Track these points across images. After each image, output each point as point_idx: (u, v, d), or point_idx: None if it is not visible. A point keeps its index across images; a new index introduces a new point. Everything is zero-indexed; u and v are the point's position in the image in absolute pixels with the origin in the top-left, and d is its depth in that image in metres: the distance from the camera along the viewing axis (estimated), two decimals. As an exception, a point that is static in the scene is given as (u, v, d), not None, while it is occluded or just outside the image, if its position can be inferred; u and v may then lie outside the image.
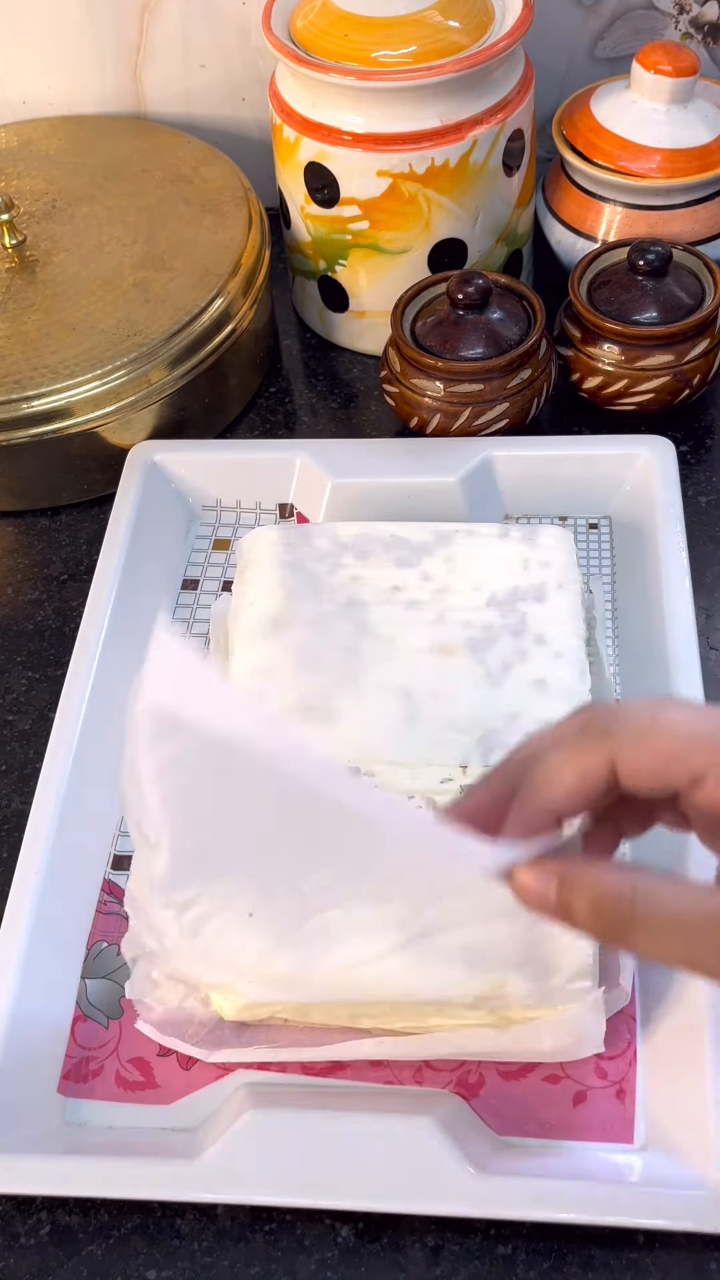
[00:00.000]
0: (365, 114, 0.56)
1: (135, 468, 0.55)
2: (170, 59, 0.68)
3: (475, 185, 0.58)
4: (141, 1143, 0.39)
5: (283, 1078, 0.41)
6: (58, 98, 0.71)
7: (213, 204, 0.62)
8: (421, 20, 0.56)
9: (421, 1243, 0.38)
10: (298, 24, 0.58)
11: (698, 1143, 0.37)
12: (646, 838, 0.34)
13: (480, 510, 0.54)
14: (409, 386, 0.56)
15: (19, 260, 0.61)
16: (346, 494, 0.54)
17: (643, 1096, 0.39)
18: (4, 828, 0.48)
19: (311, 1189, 0.37)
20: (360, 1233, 0.38)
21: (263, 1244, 0.38)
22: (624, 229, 0.60)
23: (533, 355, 0.55)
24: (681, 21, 0.66)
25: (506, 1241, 0.38)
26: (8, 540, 0.58)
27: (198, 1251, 0.38)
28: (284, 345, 0.66)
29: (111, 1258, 0.38)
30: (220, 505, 0.57)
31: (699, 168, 0.59)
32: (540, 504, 0.55)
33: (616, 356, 0.55)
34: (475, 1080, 0.40)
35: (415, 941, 0.37)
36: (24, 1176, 0.38)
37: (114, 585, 0.51)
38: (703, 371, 0.56)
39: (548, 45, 0.66)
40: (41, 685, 0.52)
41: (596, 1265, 0.37)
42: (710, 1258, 0.37)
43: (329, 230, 0.60)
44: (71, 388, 0.55)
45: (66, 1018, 0.42)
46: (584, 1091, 0.40)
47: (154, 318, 0.57)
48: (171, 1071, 0.41)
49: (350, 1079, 0.40)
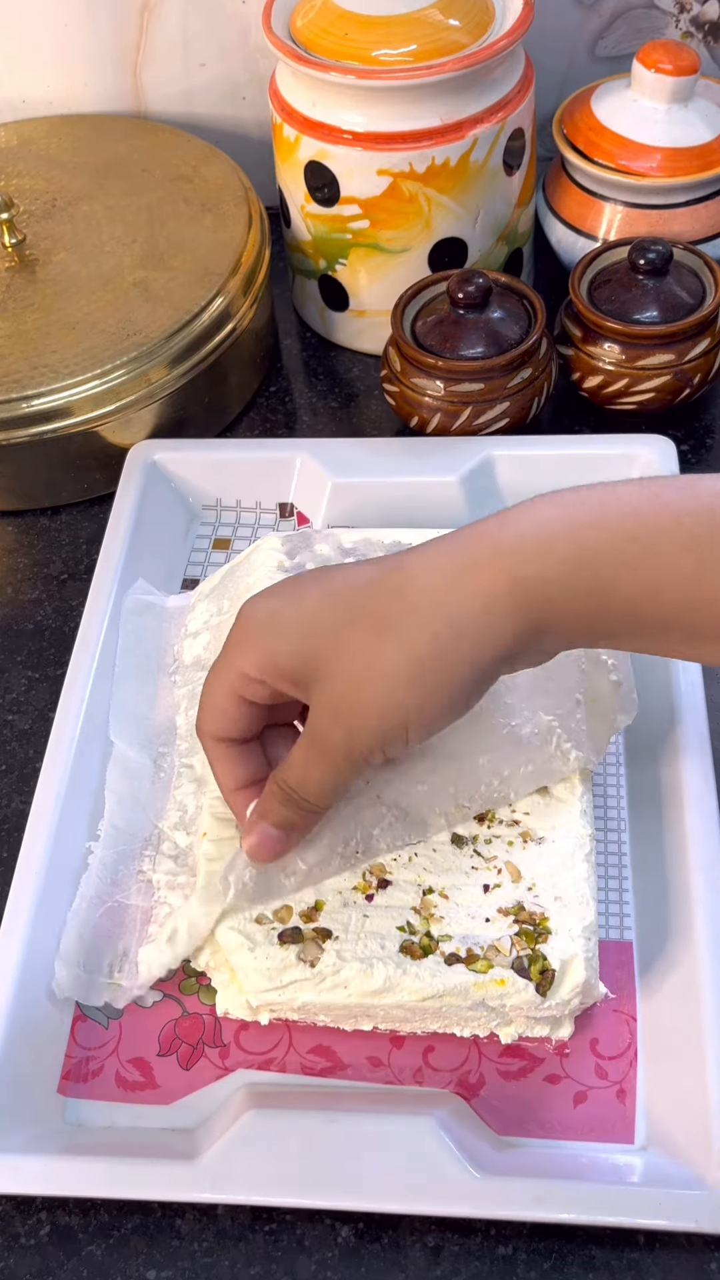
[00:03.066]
0: (365, 113, 0.56)
1: (135, 467, 0.55)
2: (170, 58, 0.68)
3: (476, 184, 0.58)
4: (142, 1143, 0.39)
5: (282, 1078, 0.41)
6: (58, 97, 0.71)
7: (213, 203, 0.62)
8: (422, 19, 0.56)
9: (422, 1243, 0.38)
10: (298, 23, 0.58)
11: (698, 1142, 0.37)
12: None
13: (480, 510, 0.54)
14: (409, 386, 0.55)
15: (19, 259, 0.61)
16: (347, 493, 0.54)
17: (643, 1096, 0.39)
18: (4, 827, 0.48)
19: (312, 1189, 0.37)
20: (360, 1233, 0.38)
21: (263, 1244, 0.38)
22: (624, 228, 0.60)
23: (533, 354, 0.55)
24: (682, 20, 0.66)
25: (507, 1242, 0.38)
26: (8, 539, 0.58)
27: (198, 1252, 0.38)
28: (284, 344, 0.66)
29: (111, 1258, 0.38)
30: (220, 505, 0.57)
31: (699, 167, 0.59)
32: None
33: (617, 356, 0.55)
34: (475, 1080, 0.40)
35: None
36: (25, 1177, 0.38)
37: (114, 585, 0.51)
38: (703, 371, 0.56)
39: (548, 44, 0.66)
40: (41, 685, 0.52)
41: (597, 1265, 0.37)
42: (710, 1258, 0.37)
43: (329, 229, 0.60)
44: (71, 387, 0.55)
45: (66, 1018, 0.42)
46: (584, 1091, 0.40)
47: (154, 317, 0.57)
48: (171, 1071, 0.41)
49: (350, 1079, 0.40)
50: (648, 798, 0.45)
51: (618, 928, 0.43)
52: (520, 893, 0.40)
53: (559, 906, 0.39)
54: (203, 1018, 0.42)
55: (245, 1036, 0.42)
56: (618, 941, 0.42)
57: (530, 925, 0.39)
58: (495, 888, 0.40)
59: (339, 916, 0.39)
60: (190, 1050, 0.41)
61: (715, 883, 0.41)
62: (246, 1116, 0.38)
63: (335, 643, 0.36)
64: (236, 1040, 0.42)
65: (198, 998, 0.42)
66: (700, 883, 0.41)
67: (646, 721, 0.46)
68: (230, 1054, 0.41)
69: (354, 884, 0.40)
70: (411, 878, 0.40)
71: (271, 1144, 0.37)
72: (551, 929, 0.39)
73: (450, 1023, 0.40)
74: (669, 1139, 0.38)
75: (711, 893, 0.41)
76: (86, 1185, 0.38)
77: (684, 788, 0.43)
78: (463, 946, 0.38)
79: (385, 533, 0.49)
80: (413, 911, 0.39)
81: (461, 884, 0.40)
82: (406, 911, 0.39)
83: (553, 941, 0.38)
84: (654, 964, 0.42)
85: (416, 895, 0.40)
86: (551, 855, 0.40)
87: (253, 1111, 0.38)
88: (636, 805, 0.45)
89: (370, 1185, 0.37)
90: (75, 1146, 0.39)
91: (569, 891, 0.39)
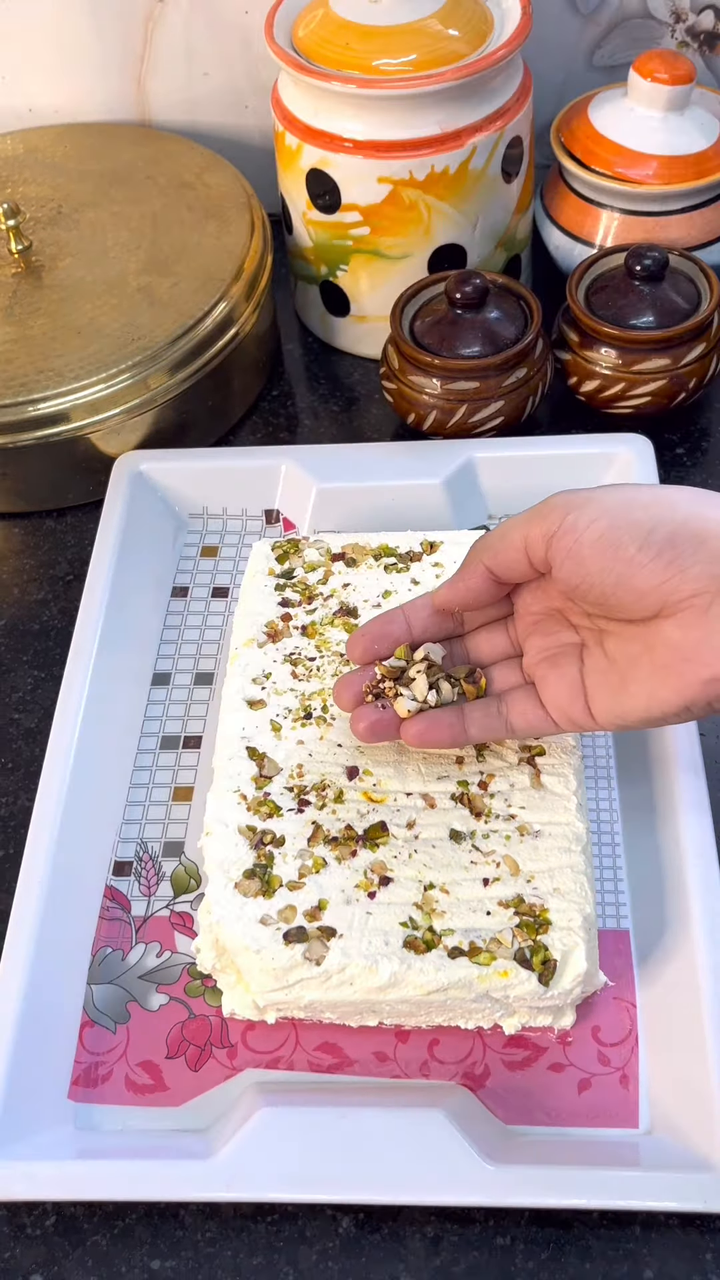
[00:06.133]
0: (366, 121, 0.56)
1: (121, 477, 0.56)
2: (174, 67, 0.69)
3: (474, 192, 0.58)
4: (154, 1145, 0.40)
5: (291, 1075, 0.41)
6: (63, 106, 0.71)
7: (216, 210, 0.63)
8: (421, 29, 0.57)
9: (421, 1233, 0.38)
10: (300, 33, 0.58)
11: (701, 1125, 0.38)
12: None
13: (464, 511, 0.55)
14: (407, 384, 0.56)
15: (25, 265, 0.61)
16: (332, 498, 0.55)
17: (645, 1081, 0.40)
18: (10, 824, 0.49)
19: (326, 1185, 0.37)
20: (361, 1223, 0.38)
21: (265, 1235, 0.38)
22: (621, 234, 0.61)
23: (528, 354, 0.55)
24: (678, 30, 0.67)
25: (505, 1232, 0.38)
26: (14, 541, 0.59)
27: (201, 1242, 0.38)
28: (286, 349, 0.67)
29: (116, 1248, 0.39)
30: (207, 512, 0.57)
31: (695, 174, 0.59)
32: (523, 504, 0.54)
33: (614, 360, 0.56)
34: (481, 1072, 0.41)
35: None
36: (40, 1183, 0.38)
37: (105, 595, 0.51)
38: (699, 375, 0.56)
39: (546, 53, 0.67)
40: (47, 684, 0.53)
41: (594, 1255, 0.37)
42: (705, 1246, 0.37)
43: (330, 236, 0.61)
44: (76, 391, 0.56)
45: (74, 1024, 0.42)
46: (588, 1079, 0.40)
47: (158, 322, 0.58)
48: (180, 1073, 0.41)
49: (358, 1074, 0.41)
50: (639, 788, 0.46)
51: (614, 916, 0.43)
52: (520, 885, 0.40)
53: (558, 898, 0.40)
54: (209, 1019, 0.42)
55: (252, 1036, 0.42)
56: (614, 930, 0.43)
57: (530, 917, 0.39)
58: (495, 881, 0.40)
59: (342, 915, 0.40)
60: (198, 1051, 0.42)
61: (709, 869, 0.42)
62: (258, 1115, 0.38)
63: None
64: (244, 1040, 0.42)
65: (204, 999, 0.43)
66: (694, 870, 0.42)
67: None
68: (238, 1054, 0.42)
69: (356, 882, 0.40)
70: (412, 874, 0.41)
71: (284, 1141, 0.38)
72: (551, 920, 0.39)
73: (455, 1015, 0.40)
74: (672, 1122, 0.39)
75: (706, 879, 0.42)
76: (102, 1189, 0.38)
77: (674, 776, 0.44)
78: (465, 940, 0.39)
79: (371, 536, 0.50)
80: (415, 907, 0.40)
81: (461, 879, 0.40)
82: (409, 907, 0.40)
83: (553, 932, 0.39)
84: (652, 951, 0.42)
85: (418, 891, 0.40)
86: (548, 848, 0.41)
87: (264, 1110, 0.39)
88: (628, 796, 0.46)
89: (384, 1179, 0.37)
90: (88, 1151, 0.39)
91: (567, 883, 0.40)
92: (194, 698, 0.51)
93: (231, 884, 0.40)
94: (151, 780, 0.49)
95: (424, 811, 0.42)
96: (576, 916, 0.39)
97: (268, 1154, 0.38)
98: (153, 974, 0.44)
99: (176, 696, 0.51)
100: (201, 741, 0.50)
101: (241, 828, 0.42)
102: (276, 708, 0.45)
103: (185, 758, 0.49)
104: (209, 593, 0.55)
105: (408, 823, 0.42)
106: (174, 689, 0.52)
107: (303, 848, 0.41)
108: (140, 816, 0.48)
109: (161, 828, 0.47)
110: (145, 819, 0.48)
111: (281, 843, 0.41)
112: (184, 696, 0.51)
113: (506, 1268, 0.37)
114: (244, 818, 0.42)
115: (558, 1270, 0.37)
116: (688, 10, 0.66)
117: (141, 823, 0.48)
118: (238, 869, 0.41)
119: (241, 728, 0.44)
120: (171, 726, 0.50)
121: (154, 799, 0.48)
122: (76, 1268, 0.38)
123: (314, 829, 0.42)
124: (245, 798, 0.43)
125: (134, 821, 0.48)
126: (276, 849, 0.41)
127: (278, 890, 0.40)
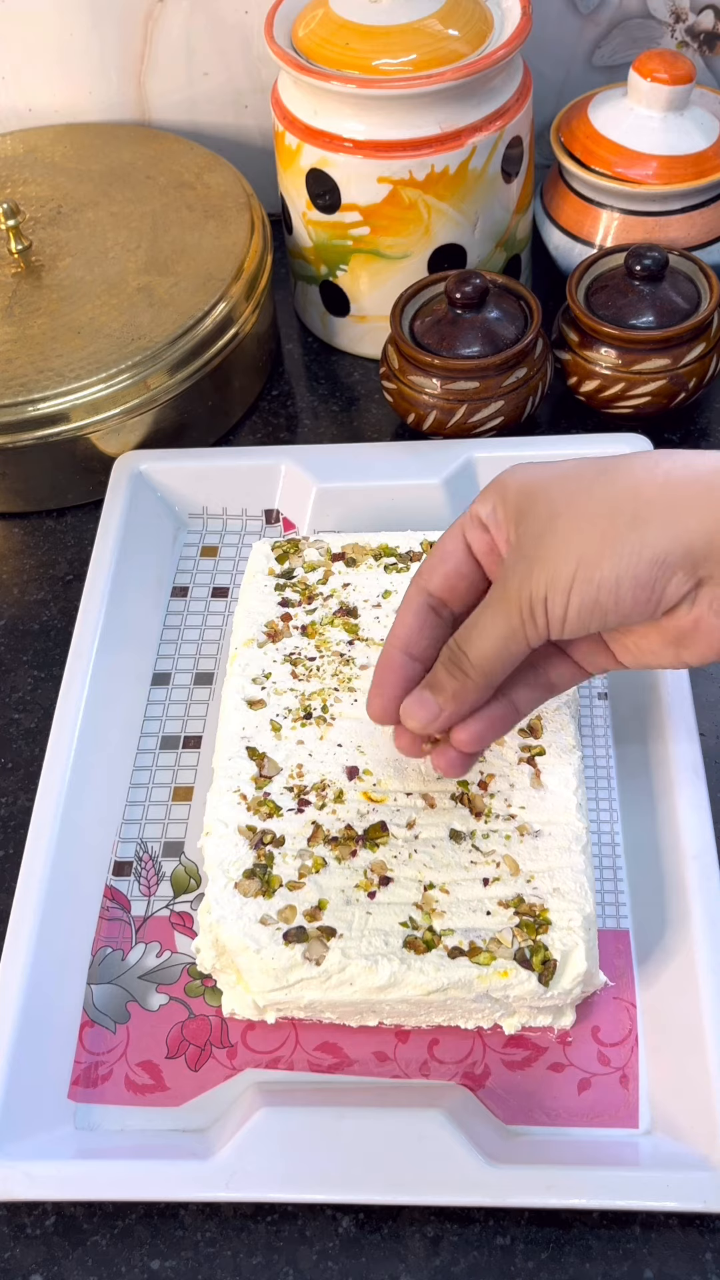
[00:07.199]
0: (366, 121, 0.56)
1: (121, 477, 0.56)
2: (174, 67, 0.69)
3: (474, 191, 0.58)
4: (154, 1145, 0.40)
5: (291, 1075, 0.41)
6: (63, 105, 0.71)
7: (216, 210, 0.63)
8: (421, 29, 0.57)
9: (421, 1233, 0.38)
10: (299, 32, 0.58)
11: (701, 1124, 0.38)
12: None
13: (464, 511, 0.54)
14: (407, 383, 0.56)
15: (25, 265, 0.61)
16: (331, 498, 0.55)
17: (645, 1081, 0.40)
18: (10, 824, 0.49)
19: (327, 1185, 0.37)
20: (361, 1223, 0.38)
21: (264, 1235, 0.38)
22: (621, 234, 0.61)
23: (528, 354, 0.55)
24: (678, 30, 0.67)
25: (505, 1232, 0.38)
26: (14, 541, 0.59)
27: (200, 1242, 0.38)
28: (286, 349, 0.67)
29: (115, 1248, 0.39)
30: (206, 513, 0.57)
31: (695, 174, 0.59)
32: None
33: (613, 360, 0.56)
34: (481, 1072, 0.41)
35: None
36: (40, 1183, 0.38)
37: (104, 595, 0.51)
38: (699, 375, 0.56)
39: (546, 53, 0.67)
40: (47, 684, 0.53)
41: (594, 1255, 0.37)
42: (705, 1246, 0.37)
43: (330, 236, 0.61)
44: (76, 391, 0.56)
45: (73, 1024, 0.42)
46: (588, 1078, 0.40)
47: (158, 322, 0.58)
48: (180, 1073, 0.41)
49: (357, 1074, 0.41)
50: (638, 786, 0.46)
51: (614, 916, 0.43)
52: (519, 885, 0.40)
53: (558, 898, 0.40)
54: (209, 1019, 0.42)
55: (252, 1036, 0.42)
56: (614, 930, 0.43)
57: (530, 917, 0.39)
58: (495, 881, 0.40)
59: (342, 915, 0.40)
60: (198, 1051, 0.42)
61: (709, 869, 0.42)
62: (258, 1115, 0.38)
63: (562, 484, 0.36)
64: (244, 1040, 0.42)
65: (204, 999, 0.43)
66: (694, 869, 0.42)
67: (634, 712, 0.47)
68: (238, 1054, 0.42)
69: (356, 882, 0.40)
70: (412, 874, 0.41)
71: (284, 1141, 0.38)
72: (551, 920, 0.39)
73: (454, 1015, 0.40)
74: (673, 1122, 0.39)
75: (705, 879, 0.42)
76: (101, 1189, 0.38)
77: (673, 776, 0.44)
78: (465, 940, 0.39)
79: (371, 536, 0.50)
80: (414, 907, 0.40)
81: (461, 879, 0.40)
82: (408, 907, 0.40)
83: (553, 932, 0.39)
84: (651, 951, 0.42)
85: (418, 891, 0.40)
86: (548, 848, 0.41)
87: (264, 1110, 0.39)
88: (628, 796, 0.46)
89: (384, 1179, 0.37)
90: (88, 1151, 0.39)
91: (567, 883, 0.40)
92: (194, 698, 0.51)
93: (231, 884, 0.40)
94: (151, 780, 0.49)
95: (424, 811, 0.42)
96: (576, 916, 0.39)
97: (268, 1154, 0.38)
98: (153, 974, 0.44)
99: (176, 696, 0.51)
100: (201, 741, 0.50)
101: (241, 827, 0.42)
102: (276, 708, 0.45)
103: (185, 758, 0.49)
104: (209, 593, 0.55)
105: (408, 822, 0.42)
106: (174, 689, 0.52)
107: (303, 848, 0.41)
108: (140, 816, 0.48)
109: (161, 828, 0.47)
110: (145, 819, 0.48)
111: (281, 842, 0.41)
112: (184, 696, 0.51)
113: (506, 1268, 0.37)
114: (244, 817, 0.42)
115: (558, 1270, 0.37)
116: (688, 10, 0.66)
117: (141, 823, 0.48)
118: (237, 869, 0.41)
119: (241, 728, 0.44)
120: (171, 726, 0.50)
121: (154, 799, 0.48)
122: (76, 1268, 0.38)
123: (314, 829, 0.42)
124: (245, 797, 0.43)
125: (134, 821, 0.48)
126: (276, 849, 0.41)
127: (277, 890, 0.40)
